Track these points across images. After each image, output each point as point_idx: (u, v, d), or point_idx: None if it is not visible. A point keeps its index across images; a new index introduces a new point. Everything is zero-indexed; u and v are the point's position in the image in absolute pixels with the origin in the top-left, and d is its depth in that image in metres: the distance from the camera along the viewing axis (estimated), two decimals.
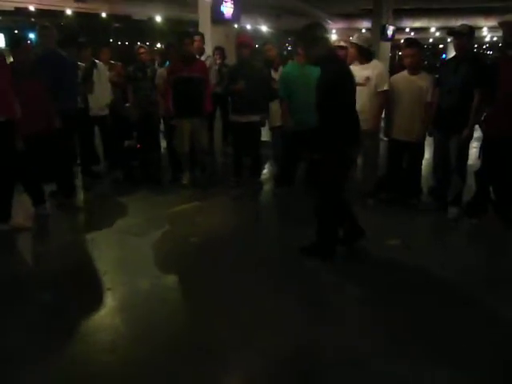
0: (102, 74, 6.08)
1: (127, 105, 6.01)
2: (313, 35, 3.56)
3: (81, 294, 3.36)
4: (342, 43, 5.19)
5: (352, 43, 4.95)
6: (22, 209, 4.75)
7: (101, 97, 6.04)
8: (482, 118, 4.61)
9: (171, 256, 4.01)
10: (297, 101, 5.07)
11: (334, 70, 3.51)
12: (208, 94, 5.70)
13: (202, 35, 7.21)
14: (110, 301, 3.27)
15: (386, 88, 4.82)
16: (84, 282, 3.57)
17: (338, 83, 3.46)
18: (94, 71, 5.95)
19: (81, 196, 5.48)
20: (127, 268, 3.77)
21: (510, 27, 4.18)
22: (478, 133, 4.76)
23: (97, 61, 6.13)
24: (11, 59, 4.75)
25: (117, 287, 3.44)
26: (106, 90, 6.13)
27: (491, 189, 4.70)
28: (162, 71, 5.95)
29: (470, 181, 4.82)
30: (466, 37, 4.47)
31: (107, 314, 3.12)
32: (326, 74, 3.50)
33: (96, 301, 3.25)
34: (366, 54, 4.90)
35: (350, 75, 3.64)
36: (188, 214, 5.05)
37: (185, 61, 5.49)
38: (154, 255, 4.00)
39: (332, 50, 3.82)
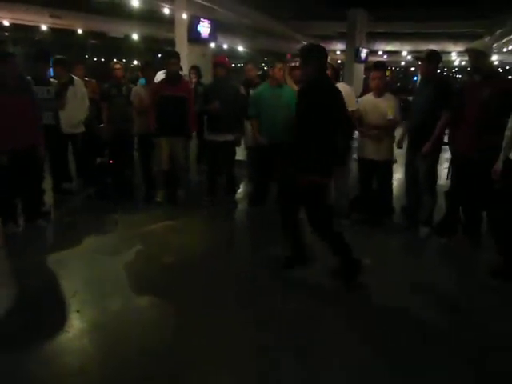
0: (79, 91, 6.00)
1: (101, 125, 5.97)
2: (308, 55, 3.69)
3: (48, 316, 3.27)
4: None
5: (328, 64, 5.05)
6: None
7: (75, 114, 5.93)
8: (448, 140, 4.77)
9: (143, 276, 3.94)
10: (266, 119, 5.27)
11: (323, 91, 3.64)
12: (191, 114, 5.71)
13: (178, 54, 7.23)
14: (78, 323, 3.19)
15: (351, 109, 4.92)
16: (52, 304, 3.47)
17: (325, 103, 3.57)
18: (70, 88, 5.87)
19: (52, 214, 5.36)
20: (97, 289, 3.69)
21: (476, 54, 4.33)
22: (448, 153, 4.89)
23: (75, 77, 6.06)
24: None
25: (86, 309, 3.37)
26: (82, 106, 6.04)
27: (461, 209, 4.81)
28: (137, 89, 5.95)
29: (441, 200, 4.93)
30: (429, 61, 4.70)
31: (75, 337, 3.03)
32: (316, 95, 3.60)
33: (64, 323, 3.17)
34: (335, 76, 5.02)
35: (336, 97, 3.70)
36: (161, 232, 4.99)
37: (169, 80, 5.52)
38: (126, 275, 3.93)
39: (324, 73, 3.82)
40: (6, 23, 13.84)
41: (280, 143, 4.98)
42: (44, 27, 14.69)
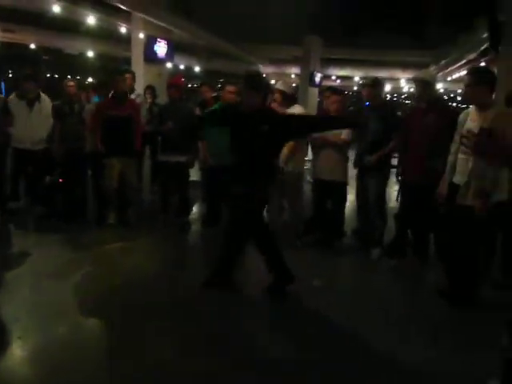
0: (44, 108, 5.82)
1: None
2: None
3: None
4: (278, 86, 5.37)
5: (277, 89, 5.15)
6: None
7: (38, 131, 5.76)
8: (397, 163, 4.97)
9: (90, 299, 3.80)
10: (214, 141, 5.23)
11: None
12: (138, 133, 5.65)
13: (133, 73, 7.19)
14: (19, 351, 3.03)
15: None
16: None
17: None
18: (36, 104, 5.73)
19: None
20: (42, 314, 3.52)
21: (422, 83, 4.57)
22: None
23: (42, 94, 5.89)
24: None
25: (29, 335, 3.20)
26: (46, 124, 5.83)
27: (409, 231, 4.96)
28: (90, 107, 5.84)
29: (391, 222, 5.07)
30: (373, 87, 4.97)
31: (16, 366, 2.88)
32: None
33: (5, 351, 3.00)
34: (289, 100, 5.12)
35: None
36: (112, 254, 4.87)
37: (116, 99, 5.44)
38: (72, 299, 3.78)
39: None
40: None
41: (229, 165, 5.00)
42: None
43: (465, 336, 3.47)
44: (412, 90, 22.49)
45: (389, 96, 30.43)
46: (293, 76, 19.83)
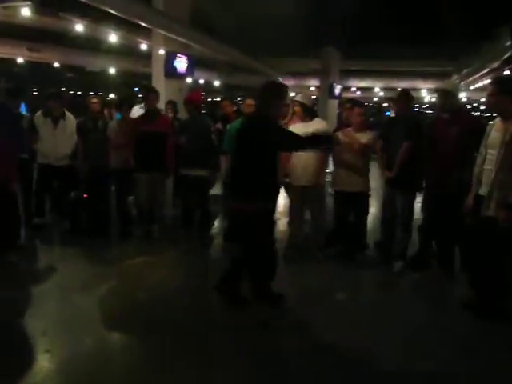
0: (69, 126, 5.95)
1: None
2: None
3: (17, 357, 3.15)
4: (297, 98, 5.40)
5: (297, 102, 5.16)
6: None
7: (63, 148, 5.89)
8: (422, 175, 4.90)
9: (117, 314, 3.85)
10: None
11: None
12: (169, 149, 5.72)
13: (156, 90, 7.29)
14: (47, 364, 3.08)
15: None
16: (21, 343, 3.34)
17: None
18: (61, 121, 5.86)
19: (21, 250, 5.21)
20: (69, 327, 3.58)
21: (444, 94, 4.55)
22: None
23: (67, 112, 6.03)
24: None
25: (56, 349, 3.26)
26: (70, 141, 5.96)
27: (434, 243, 4.89)
28: (113, 124, 5.94)
29: (415, 235, 5.01)
30: (399, 101, 4.96)
31: (44, 378, 2.92)
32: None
33: (32, 364, 3.05)
34: (309, 113, 5.11)
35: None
36: (135, 269, 4.91)
37: (148, 116, 5.55)
38: (98, 313, 3.83)
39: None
40: None
41: None
42: (20, 60, 14.66)
43: (490, 348, 3.39)
44: (434, 99, 22.34)
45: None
46: (312, 88, 19.84)
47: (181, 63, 9.94)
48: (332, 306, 4.06)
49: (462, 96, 17.47)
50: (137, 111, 7.11)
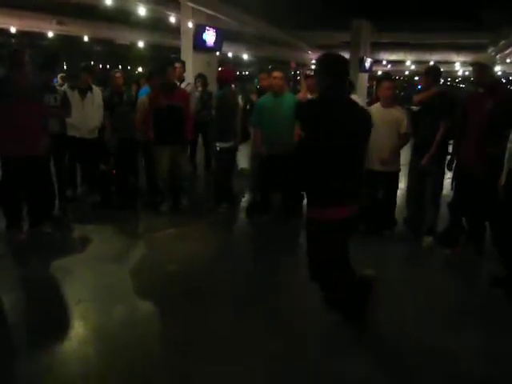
0: (96, 99, 6.04)
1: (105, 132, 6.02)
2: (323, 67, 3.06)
3: (52, 324, 3.28)
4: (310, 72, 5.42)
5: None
6: None
7: (91, 120, 6.00)
8: (452, 150, 4.80)
9: (148, 284, 3.95)
10: (269, 128, 5.28)
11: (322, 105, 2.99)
12: (189, 122, 5.75)
13: (183, 62, 7.29)
14: (82, 331, 3.21)
15: None
16: (57, 311, 3.49)
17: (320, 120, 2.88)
18: (89, 94, 5.95)
19: (55, 221, 5.37)
20: (102, 296, 3.71)
21: (480, 67, 4.36)
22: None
23: (93, 86, 6.11)
24: None
25: (90, 316, 3.38)
26: (98, 114, 6.06)
27: (464, 219, 4.81)
28: (143, 98, 5.94)
29: (444, 211, 4.94)
30: (428, 76, 4.85)
31: (80, 344, 3.05)
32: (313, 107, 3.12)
33: (68, 331, 3.19)
34: (352, 88, 5.07)
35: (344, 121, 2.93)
36: (165, 240, 5.01)
37: (165, 89, 5.55)
38: (130, 283, 3.95)
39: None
40: (12, 30, 13.95)
41: (281, 155, 5.03)
42: (50, 34, 14.80)
43: None
44: (467, 73, 21.66)
45: (442, 80, 29.38)
46: None
47: (209, 36, 9.89)
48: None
49: (498, 69, 16.89)
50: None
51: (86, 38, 15.93)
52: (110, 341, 3.09)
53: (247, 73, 28.96)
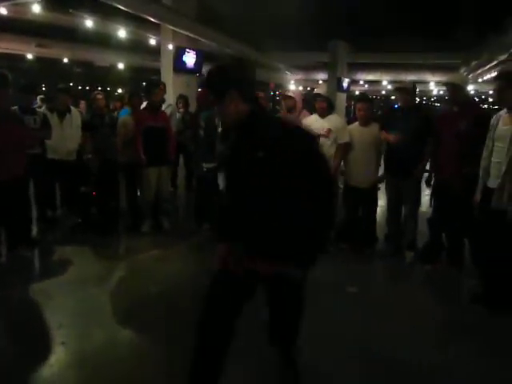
0: (74, 120, 6.01)
1: (89, 156, 6.00)
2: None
3: (32, 348, 3.22)
4: (290, 93, 5.52)
5: (324, 97, 5.38)
6: None
7: (69, 142, 5.94)
8: (430, 167, 4.93)
9: (129, 307, 3.90)
10: None
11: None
12: (171, 143, 5.81)
13: (164, 84, 7.34)
14: (63, 356, 3.15)
15: (346, 140, 5.08)
16: (36, 336, 3.42)
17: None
18: (67, 116, 5.90)
19: (34, 244, 5.29)
20: (83, 320, 3.65)
21: (453, 87, 4.55)
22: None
23: (72, 107, 6.09)
24: None
25: (71, 341, 3.32)
26: (76, 136, 6.02)
27: (444, 235, 4.91)
28: (124, 119, 5.95)
29: (423, 227, 5.03)
30: (405, 93, 4.95)
31: (60, 370, 2.99)
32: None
33: (48, 355, 3.13)
34: (330, 108, 5.26)
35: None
36: (147, 262, 4.97)
37: (151, 110, 5.59)
38: (112, 306, 3.89)
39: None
40: None
41: None
42: (30, 56, 14.77)
43: (500, 339, 3.43)
44: (441, 92, 22.21)
45: (418, 99, 30.02)
46: (320, 82, 19.80)
47: (189, 58, 9.98)
48: (343, 298, 4.09)
49: (471, 89, 17.36)
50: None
51: (65, 60, 15.94)
52: (90, 365, 3.04)
53: None
